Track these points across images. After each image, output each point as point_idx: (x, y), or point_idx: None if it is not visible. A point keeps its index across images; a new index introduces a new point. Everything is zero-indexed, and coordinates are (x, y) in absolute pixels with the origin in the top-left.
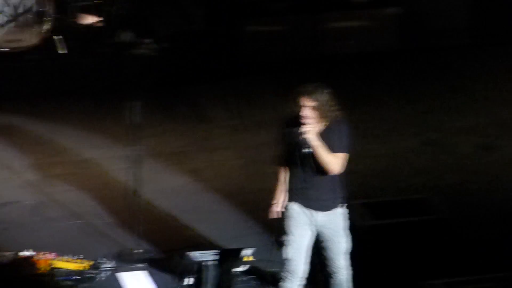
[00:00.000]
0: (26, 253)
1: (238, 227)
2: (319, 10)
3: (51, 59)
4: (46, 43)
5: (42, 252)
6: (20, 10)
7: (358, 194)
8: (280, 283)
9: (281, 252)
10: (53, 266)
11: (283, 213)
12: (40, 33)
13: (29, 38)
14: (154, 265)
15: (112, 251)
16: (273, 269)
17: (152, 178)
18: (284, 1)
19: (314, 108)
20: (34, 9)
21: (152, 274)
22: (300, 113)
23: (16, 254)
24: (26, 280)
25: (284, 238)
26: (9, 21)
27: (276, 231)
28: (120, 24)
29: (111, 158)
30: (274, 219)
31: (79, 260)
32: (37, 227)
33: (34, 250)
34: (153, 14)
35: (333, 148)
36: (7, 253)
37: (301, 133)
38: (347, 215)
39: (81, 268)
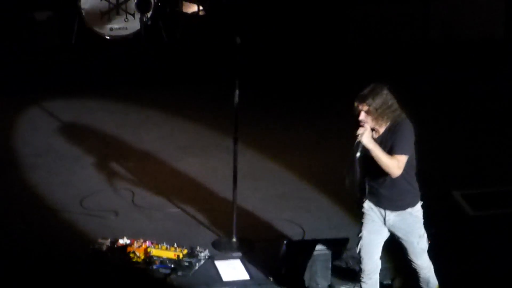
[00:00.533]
0: (124, 240)
1: (334, 217)
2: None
3: (155, 46)
4: (150, 30)
5: (140, 240)
6: None
7: None
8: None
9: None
10: (150, 254)
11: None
12: (143, 21)
13: (131, 26)
14: (249, 254)
15: (207, 240)
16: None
17: (249, 167)
18: None
19: (367, 112)
20: None
21: (247, 263)
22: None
23: (114, 241)
24: (124, 268)
25: (358, 235)
26: (112, 9)
27: None
28: (221, 13)
29: (210, 146)
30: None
31: (174, 248)
32: (133, 215)
33: (131, 238)
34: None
35: (392, 150)
36: (105, 241)
37: (356, 137)
38: (421, 214)
39: (176, 257)
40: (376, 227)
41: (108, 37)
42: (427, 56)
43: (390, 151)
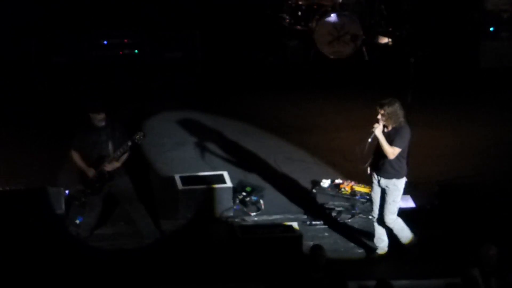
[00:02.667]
0: (338, 181)
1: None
2: None
3: (360, 62)
4: (358, 53)
5: (348, 181)
6: (341, 33)
7: None
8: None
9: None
10: (354, 189)
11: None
12: (354, 48)
13: (347, 50)
14: (414, 192)
15: None
16: None
17: None
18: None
19: (382, 115)
20: (351, 32)
21: (413, 197)
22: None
23: (333, 181)
24: (336, 197)
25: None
26: (335, 40)
27: None
28: (404, 43)
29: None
30: None
31: (364, 186)
32: (341, 168)
33: (342, 179)
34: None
35: (392, 143)
36: (327, 180)
37: (372, 129)
38: (401, 186)
39: (366, 191)
40: (375, 188)
41: (332, 57)
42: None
43: (391, 143)
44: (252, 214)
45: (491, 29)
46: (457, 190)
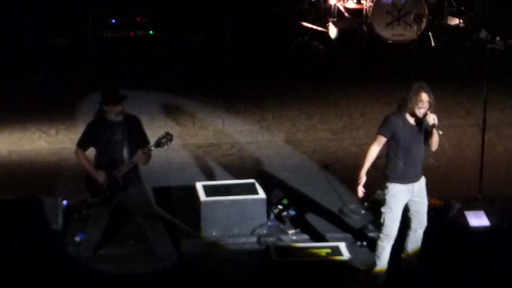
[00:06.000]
0: None
1: None
2: None
3: (425, 49)
4: (422, 37)
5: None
6: (403, 12)
7: None
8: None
9: None
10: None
11: None
12: (417, 30)
13: (409, 34)
14: (490, 207)
15: (459, 195)
16: None
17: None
18: None
19: (429, 103)
20: (414, 12)
21: (488, 213)
22: (420, 106)
23: None
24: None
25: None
26: (394, 20)
27: None
28: (477, 25)
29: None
30: None
31: (437, 200)
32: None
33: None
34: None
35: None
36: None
37: (430, 121)
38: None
39: (439, 205)
40: (402, 201)
41: (390, 41)
42: None
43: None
44: (290, 232)
45: None
46: None
